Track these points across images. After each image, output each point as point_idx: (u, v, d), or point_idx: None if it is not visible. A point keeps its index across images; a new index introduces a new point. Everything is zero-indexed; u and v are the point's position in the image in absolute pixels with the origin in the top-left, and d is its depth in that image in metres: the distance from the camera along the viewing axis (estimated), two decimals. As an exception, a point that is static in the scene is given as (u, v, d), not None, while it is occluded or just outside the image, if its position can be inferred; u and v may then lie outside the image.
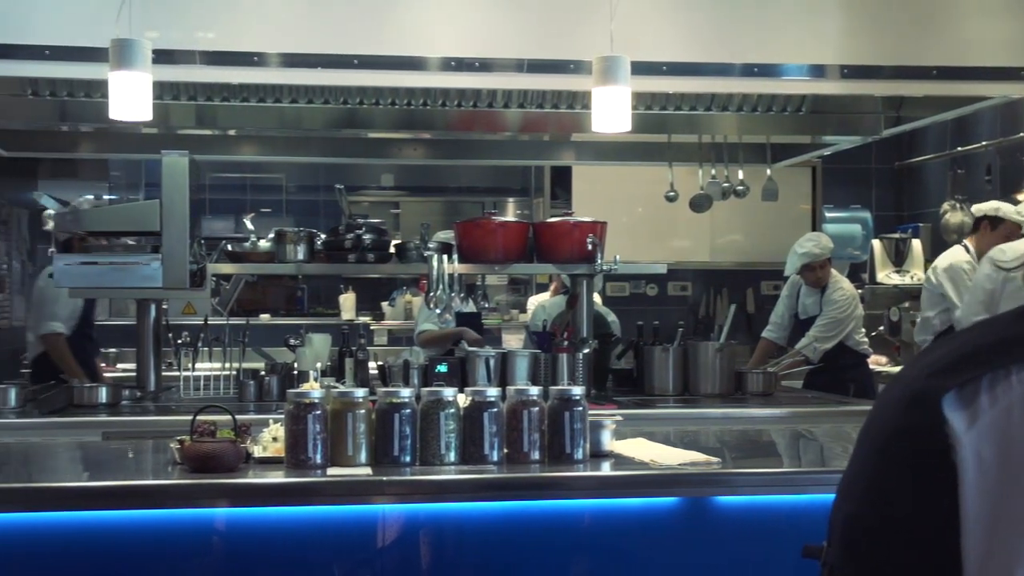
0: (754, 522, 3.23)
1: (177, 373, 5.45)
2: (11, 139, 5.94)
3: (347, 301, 9.41)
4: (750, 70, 4.71)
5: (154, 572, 3.05)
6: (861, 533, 1.37)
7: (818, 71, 4.75)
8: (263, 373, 5.33)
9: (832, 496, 1.47)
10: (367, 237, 5.40)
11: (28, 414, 4.78)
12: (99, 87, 4.58)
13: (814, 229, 8.58)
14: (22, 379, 6.46)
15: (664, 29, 4.67)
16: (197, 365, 5.40)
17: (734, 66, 4.71)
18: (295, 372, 5.29)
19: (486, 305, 6.34)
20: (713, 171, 6.31)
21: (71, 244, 5.42)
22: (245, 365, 5.50)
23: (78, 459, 3.72)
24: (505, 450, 3.24)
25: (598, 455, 3.35)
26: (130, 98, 3.36)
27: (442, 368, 5.17)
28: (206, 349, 5.45)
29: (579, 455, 3.26)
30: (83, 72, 4.22)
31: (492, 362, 5.16)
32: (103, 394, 4.95)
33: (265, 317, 9.16)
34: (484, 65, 4.52)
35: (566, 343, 5.29)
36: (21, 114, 5.31)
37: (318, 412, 3.12)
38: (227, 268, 5.55)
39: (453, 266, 5.21)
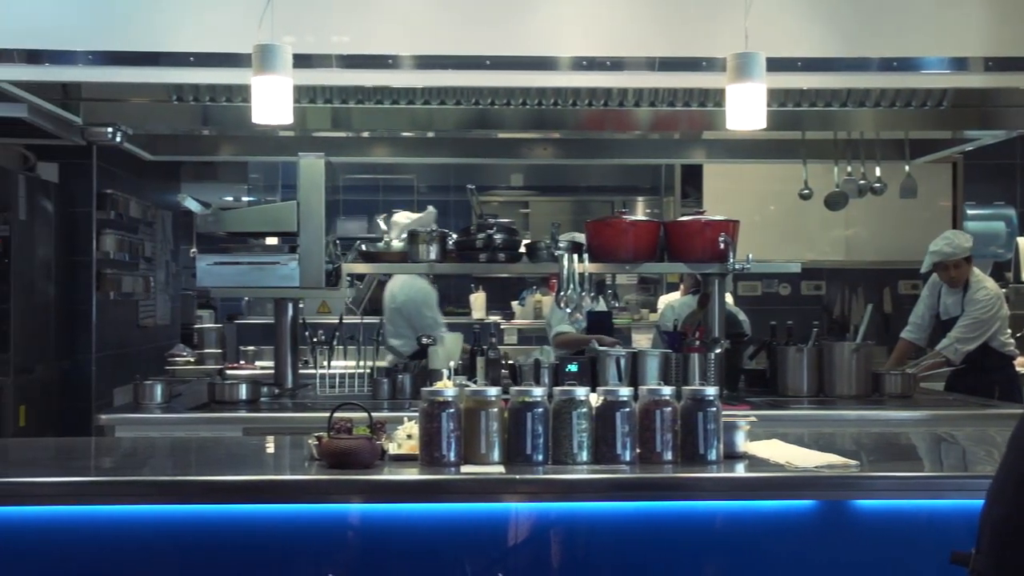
0: (893, 527, 3.15)
1: (313, 371, 5.57)
2: (156, 143, 6.16)
3: (477, 300, 9.49)
4: (888, 64, 4.59)
5: (291, 565, 3.12)
6: (1012, 535, 1.33)
7: (960, 64, 4.60)
8: (396, 371, 5.41)
9: (976, 501, 1.43)
10: (498, 237, 5.43)
11: (173, 410, 4.94)
12: (240, 92, 4.71)
13: (955, 227, 8.32)
14: (167, 375, 6.70)
15: (799, 24, 4.59)
16: (332, 363, 5.51)
17: (871, 60, 4.60)
18: (427, 370, 5.35)
19: (616, 304, 6.32)
20: (849, 168, 6.17)
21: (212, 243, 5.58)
22: (378, 363, 5.59)
23: (220, 454, 3.83)
24: (637, 450, 3.23)
25: (732, 456, 3.32)
26: (271, 102, 3.44)
27: (572, 367, 5.17)
28: (341, 347, 5.55)
29: (712, 456, 3.23)
30: (226, 77, 4.35)
31: (623, 362, 5.14)
32: (243, 391, 5.08)
33: (397, 316, 9.26)
34: (615, 64, 4.51)
35: (698, 343, 5.24)
36: (165, 119, 5.48)
37: (452, 410, 3.16)
38: (361, 268, 5.64)
39: (583, 265, 5.20)
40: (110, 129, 5.26)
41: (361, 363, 5.53)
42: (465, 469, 3.12)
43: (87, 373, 7.09)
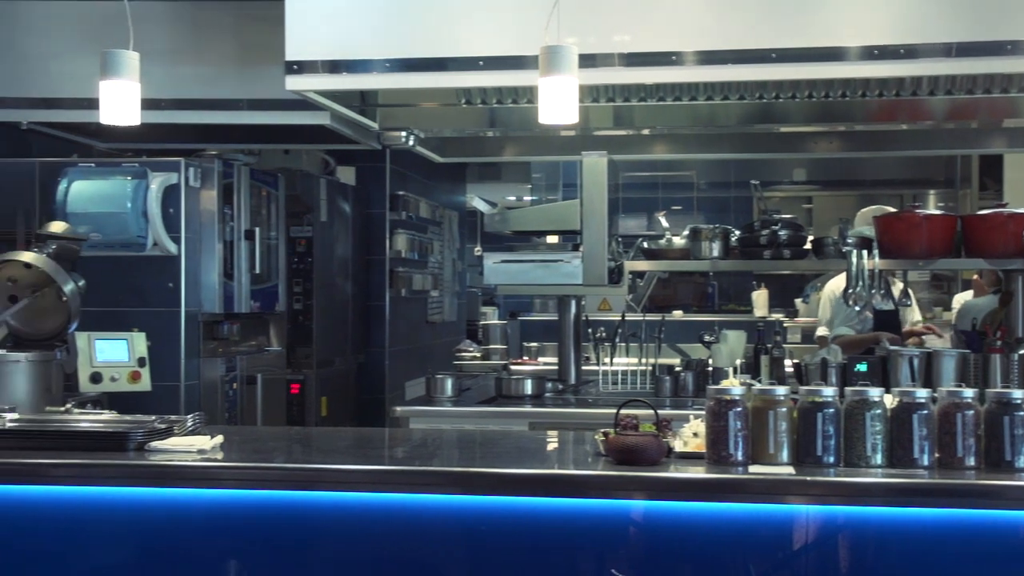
0: None
1: (595, 367, 5.63)
2: (445, 146, 6.39)
3: (760, 298, 9.31)
4: None
5: (574, 559, 3.16)
6: None
7: None
8: (678, 369, 5.39)
9: None
10: (783, 233, 5.32)
11: (462, 403, 5.11)
12: (525, 93, 4.82)
13: None
14: (455, 370, 6.94)
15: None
16: (614, 360, 5.55)
17: None
18: (710, 368, 5.31)
19: (907, 302, 6.05)
20: None
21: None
22: (660, 360, 5.59)
23: (507, 447, 3.92)
24: (936, 455, 3.08)
25: (1041, 465, 3.12)
26: (558, 102, 3.50)
27: (862, 367, 5.00)
28: (623, 344, 5.58)
29: (1021, 463, 3.04)
30: (512, 80, 4.45)
31: (916, 362, 4.92)
32: (528, 386, 5.20)
33: (678, 313, 9.25)
34: (909, 51, 4.31)
35: (999, 343, 4.95)
36: (454, 122, 5.68)
37: (739, 409, 3.12)
38: (643, 265, 5.65)
39: (873, 262, 5.02)
40: (404, 133, 5.50)
41: (643, 360, 5.55)
42: (753, 469, 3.07)
43: (381, 366, 7.43)
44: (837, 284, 6.34)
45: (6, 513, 3.32)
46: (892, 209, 5.98)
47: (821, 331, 6.31)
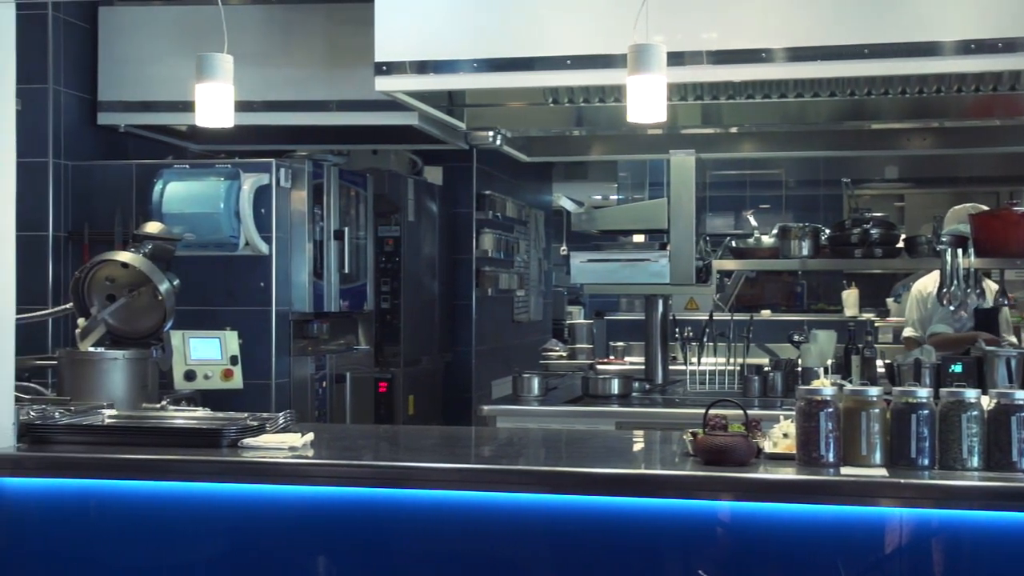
0: None
1: (682, 367, 5.59)
2: (531, 145, 6.40)
3: (850, 297, 9.16)
4: None
5: (660, 558, 3.15)
6: None
7: None
8: (767, 369, 5.34)
9: None
10: (874, 231, 5.24)
11: (549, 402, 5.11)
12: (612, 92, 4.80)
13: None
14: (541, 369, 6.94)
15: None
16: (701, 359, 5.51)
17: None
18: (799, 369, 5.24)
19: (1004, 302, 5.91)
20: None
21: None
22: (748, 360, 5.53)
23: (594, 446, 3.92)
24: (1035, 458, 3.01)
25: None
26: (646, 101, 3.48)
27: (957, 368, 4.89)
28: (710, 344, 5.54)
29: (1124, 467, 2.96)
30: (600, 79, 4.44)
31: (1014, 362, 4.80)
32: (615, 385, 5.19)
33: (766, 313, 9.14)
34: (1007, 45, 4.19)
35: (1101, 344, 4.82)
36: (540, 122, 5.69)
37: (830, 410, 3.07)
38: (731, 264, 5.61)
39: (968, 260, 4.92)
40: (491, 133, 5.52)
41: (731, 360, 5.50)
42: (845, 471, 3.03)
43: (467, 365, 7.47)
44: (924, 284, 6.24)
45: (104, 507, 3.41)
46: (986, 207, 5.85)
47: (908, 332, 6.20)
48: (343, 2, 5.43)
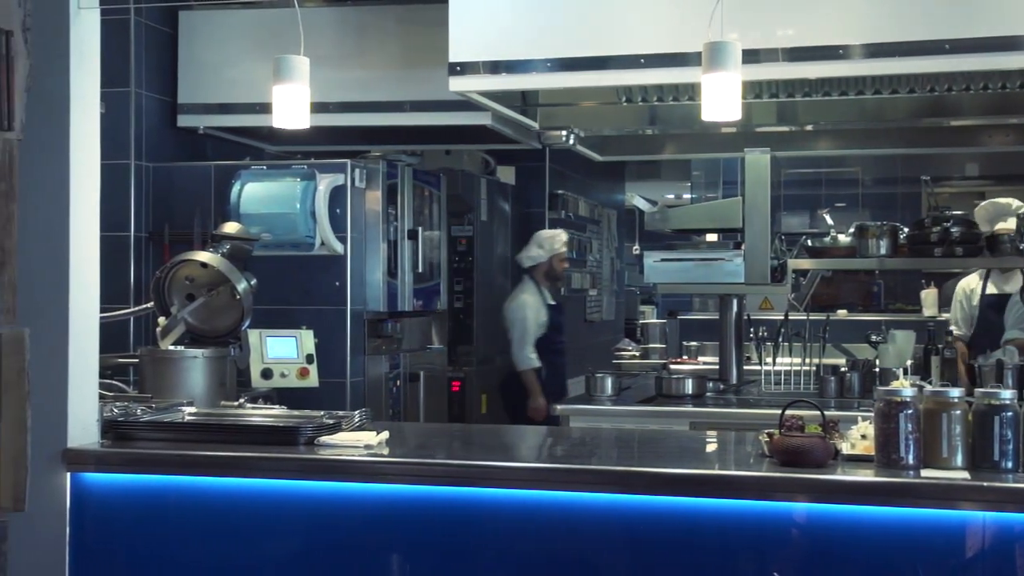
0: None
1: (757, 367, 5.54)
2: (604, 144, 6.38)
3: (928, 297, 8.99)
4: None
5: (735, 560, 3.13)
6: None
7: None
8: (844, 369, 5.27)
9: None
10: (955, 230, 5.15)
11: (622, 402, 5.10)
12: (686, 90, 4.77)
13: None
14: (614, 369, 6.92)
15: None
16: (776, 360, 5.46)
17: None
18: (876, 369, 5.17)
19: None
20: None
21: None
22: (824, 361, 5.47)
23: (669, 447, 3.90)
24: (1125, 463, 2.94)
25: None
26: (721, 99, 3.45)
27: (1040, 369, 4.79)
28: (785, 344, 5.49)
29: None
30: (674, 77, 4.40)
31: (1100, 365, 4.70)
32: (689, 385, 5.16)
33: (842, 312, 9.02)
34: (1094, 39, 4.10)
35: None
36: (613, 121, 5.67)
37: (910, 411, 3.03)
38: (806, 263, 5.55)
39: (1053, 259, 4.81)
40: (564, 132, 5.51)
41: (807, 360, 5.44)
42: (925, 473, 2.98)
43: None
44: (968, 282, 6.14)
45: (183, 502, 3.47)
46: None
47: (953, 331, 6.08)
48: (417, 3, 5.46)
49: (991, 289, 6.19)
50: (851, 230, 5.37)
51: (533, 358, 6.55)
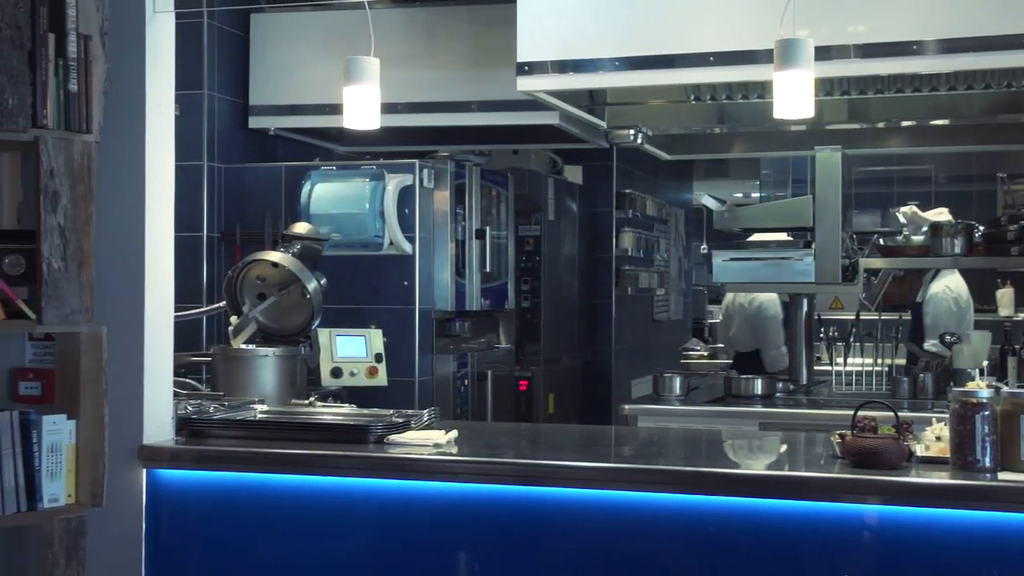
0: None
1: (828, 367, 5.49)
2: (672, 143, 6.35)
3: (1004, 296, 8.86)
4: None
5: (804, 562, 3.10)
6: None
7: None
8: (917, 370, 5.20)
9: None
10: (1032, 228, 5.05)
11: (691, 402, 5.08)
12: (755, 88, 4.73)
13: None
14: (681, 368, 6.89)
15: None
16: (847, 360, 5.40)
17: None
18: (951, 370, 5.09)
19: None
20: None
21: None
22: (897, 361, 5.40)
23: (737, 447, 3.87)
24: None
25: None
26: (793, 97, 3.42)
27: (1121, 371, 4.69)
28: (856, 344, 5.42)
29: None
30: (744, 75, 4.37)
31: None
32: (759, 386, 5.12)
33: (914, 312, 8.89)
34: None
35: None
36: (681, 119, 5.64)
37: (986, 413, 2.98)
38: (879, 263, 5.48)
39: None
40: (632, 131, 5.49)
41: (879, 360, 5.37)
42: (1003, 476, 2.93)
43: (607, 364, 7.45)
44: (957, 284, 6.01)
45: (255, 499, 3.51)
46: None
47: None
48: (485, 3, 5.47)
49: None
50: (924, 228, 5.29)
51: None
